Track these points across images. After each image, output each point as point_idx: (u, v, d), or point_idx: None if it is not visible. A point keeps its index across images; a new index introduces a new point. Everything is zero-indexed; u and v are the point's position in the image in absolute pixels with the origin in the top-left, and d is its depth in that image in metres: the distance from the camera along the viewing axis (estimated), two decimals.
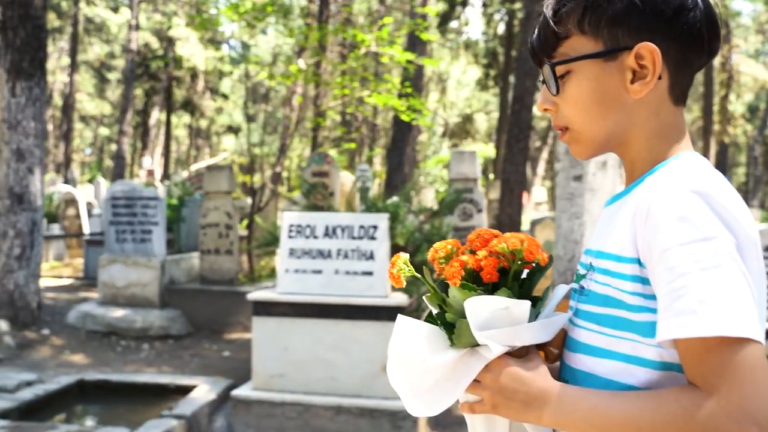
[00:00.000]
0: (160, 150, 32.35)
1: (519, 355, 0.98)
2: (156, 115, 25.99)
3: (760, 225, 7.19)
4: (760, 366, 0.82)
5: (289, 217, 5.53)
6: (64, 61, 28.43)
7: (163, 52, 26.55)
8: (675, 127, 1.01)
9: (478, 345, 0.97)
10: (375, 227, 5.35)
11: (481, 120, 33.88)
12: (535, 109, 12.27)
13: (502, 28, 27.97)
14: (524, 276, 1.01)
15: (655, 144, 1.00)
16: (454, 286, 0.96)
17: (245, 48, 37.31)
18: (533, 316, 0.98)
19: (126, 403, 5.97)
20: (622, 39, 0.97)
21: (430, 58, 14.41)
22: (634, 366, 0.92)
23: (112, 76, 31.92)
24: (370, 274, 5.28)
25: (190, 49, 25.24)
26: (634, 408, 0.87)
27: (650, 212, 0.89)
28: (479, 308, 0.94)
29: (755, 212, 18.87)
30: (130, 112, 21.45)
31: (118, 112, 34.54)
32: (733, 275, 0.84)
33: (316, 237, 5.44)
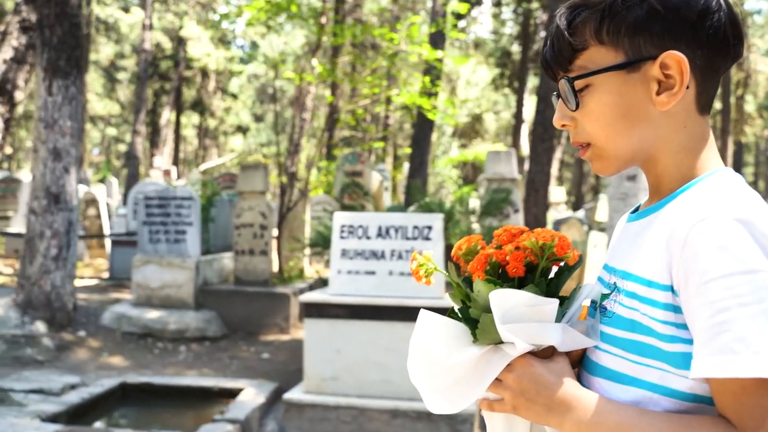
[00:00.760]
0: (167, 150, 32.26)
1: (544, 356, 0.94)
2: (167, 115, 25.87)
3: None
4: None
5: (340, 218, 5.43)
6: None
7: (174, 52, 26.44)
8: (703, 139, 0.95)
9: (501, 342, 0.94)
10: (429, 228, 5.26)
11: (490, 120, 33.76)
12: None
13: (510, 28, 27.87)
14: (552, 275, 0.96)
15: (683, 158, 0.94)
16: (479, 280, 0.92)
17: (253, 48, 37.23)
18: (560, 317, 0.94)
19: (171, 406, 5.87)
20: (645, 48, 0.91)
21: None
22: (661, 396, 0.88)
23: (121, 76, 31.83)
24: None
25: (202, 49, 25.15)
26: (664, 431, 0.84)
27: (689, 240, 0.84)
28: (504, 301, 0.90)
29: None
30: (143, 111, 21.35)
31: (126, 112, 34.48)
32: None
33: (368, 237, 5.35)
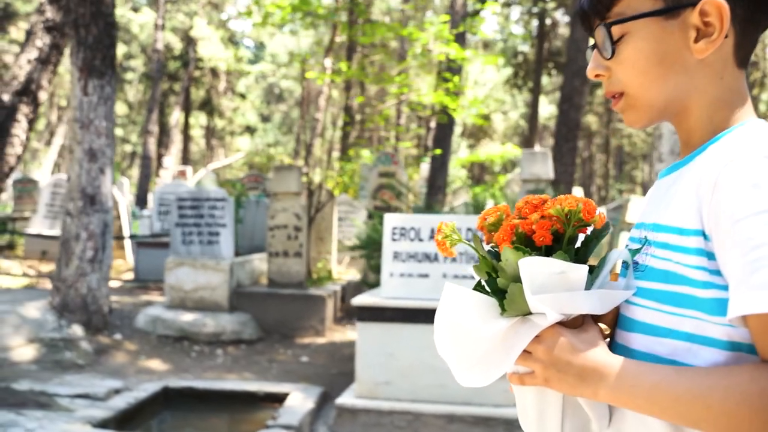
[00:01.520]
0: (174, 151, 32.14)
1: (573, 325, 0.92)
2: (176, 116, 25.77)
3: None
4: None
5: (392, 220, 5.34)
6: None
7: (185, 53, 26.34)
8: (738, 92, 0.94)
9: (530, 313, 0.91)
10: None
11: (498, 120, 33.67)
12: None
13: (518, 27, 27.79)
14: (579, 243, 0.94)
15: (717, 110, 0.93)
16: (507, 248, 0.90)
17: (259, 48, 37.15)
18: (589, 284, 0.91)
19: (215, 411, 5.79)
20: None
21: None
22: (699, 345, 0.85)
23: (128, 76, 31.73)
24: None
25: (212, 49, 25.05)
26: (703, 386, 0.81)
27: (719, 180, 0.82)
28: (534, 269, 0.88)
29: None
30: (155, 112, 21.26)
31: (134, 113, 34.38)
32: None
33: (421, 240, 5.26)
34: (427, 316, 5.10)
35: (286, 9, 10.30)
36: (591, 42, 1.00)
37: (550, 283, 0.88)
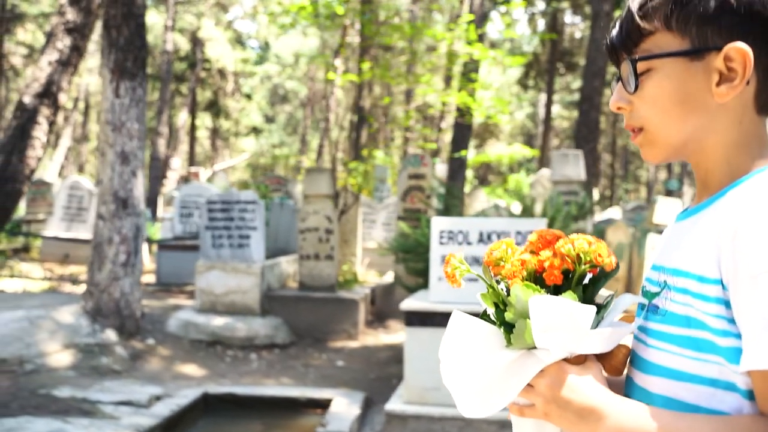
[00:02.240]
0: (180, 152, 32.05)
1: (576, 362, 0.93)
2: (184, 117, 25.68)
3: None
4: None
5: (439, 223, 5.27)
6: (91, 63, 28.16)
7: (192, 54, 26.26)
8: (757, 137, 0.94)
9: (535, 347, 0.93)
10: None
11: (504, 120, 33.59)
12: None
13: (522, 28, 27.68)
14: (587, 281, 0.96)
15: (734, 155, 0.94)
16: (517, 285, 0.92)
17: (264, 49, 37.06)
18: (595, 324, 0.94)
19: (257, 417, 5.70)
20: (711, 38, 0.91)
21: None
22: (723, 391, 0.86)
23: None
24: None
25: (220, 50, 24.96)
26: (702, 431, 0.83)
27: (738, 233, 0.83)
28: (544, 308, 0.89)
29: None
30: (165, 113, 21.17)
31: None
32: None
33: (469, 243, 5.19)
34: None
35: (307, 8, 10.22)
36: (616, 76, 1.02)
37: (558, 322, 0.90)
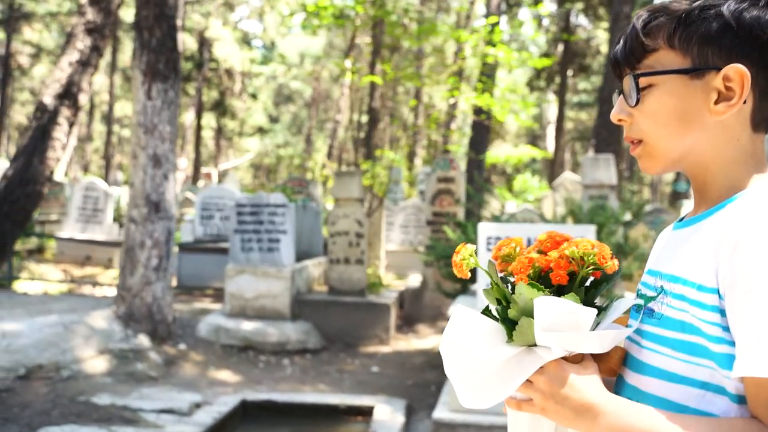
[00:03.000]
0: (186, 152, 31.93)
1: (574, 360, 0.97)
2: (191, 117, 25.58)
3: None
4: None
5: (486, 229, 5.20)
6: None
7: (199, 54, 26.16)
8: (753, 154, 0.98)
9: (535, 345, 0.96)
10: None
11: (510, 121, 33.53)
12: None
13: (529, 29, 27.57)
14: (588, 283, 0.99)
15: (732, 170, 0.98)
16: (522, 283, 0.95)
17: (269, 48, 36.95)
18: (594, 325, 0.97)
19: (298, 425, 5.62)
20: (712, 58, 0.96)
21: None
22: (713, 394, 0.91)
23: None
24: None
25: (227, 50, 24.86)
26: None
27: (739, 245, 0.87)
28: (547, 309, 0.92)
29: None
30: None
31: None
32: None
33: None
34: None
35: (329, 8, 10.14)
36: (617, 89, 1.07)
37: (560, 322, 0.93)
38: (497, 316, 1.01)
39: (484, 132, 12.79)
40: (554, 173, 19.84)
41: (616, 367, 1.04)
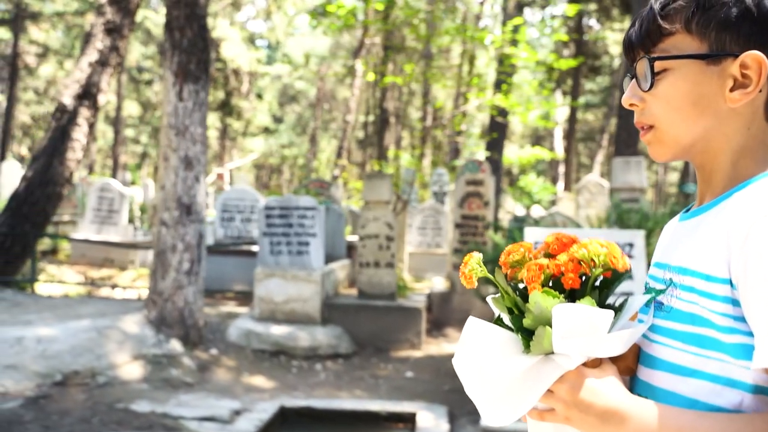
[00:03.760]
0: None
1: (593, 365, 0.94)
2: None
3: None
4: None
5: (532, 233, 5.11)
6: None
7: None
8: (763, 144, 0.96)
9: (552, 353, 0.93)
10: (631, 245, 4.95)
11: (515, 121, 33.48)
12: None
13: (533, 31, 27.47)
14: (598, 283, 0.96)
15: (740, 159, 0.96)
16: (536, 291, 0.92)
17: (274, 48, 36.85)
18: (610, 326, 0.94)
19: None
20: (729, 45, 0.94)
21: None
22: (723, 386, 0.88)
23: (145, 77, 31.42)
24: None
25: (235, 50, 24.75)
26: (724, 430, 0.84)
27: (751, 234, 0.85)
28: (566, 317, 0.90)
29: None
30: None
31: (149, 114, 34.05)
32: None
33: None
34: None
35: (351, 8, 10.06)
36: (629, 73, 1.04)
37: (578, 329, 0.90)
38: (510, 326, 0.98)
39: (501, 133, 12.71)
40: (568, 174, 19.74)
41: (633, 365, 1.02)
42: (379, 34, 17.87)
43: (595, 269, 0.93)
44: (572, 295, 0.94)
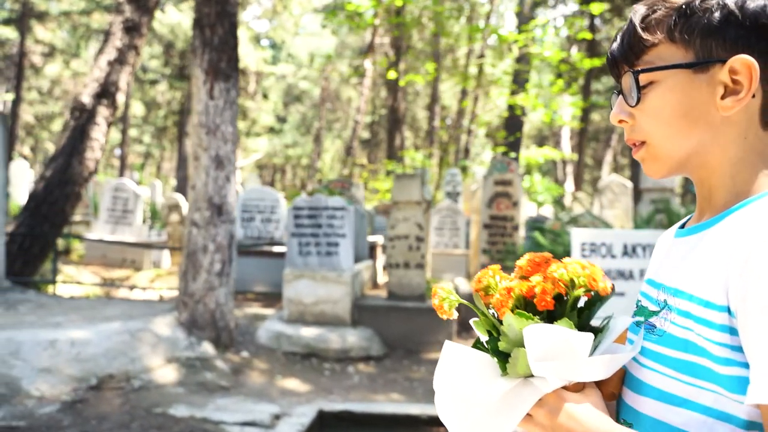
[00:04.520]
0: None
1: (575, 389, 0.91)
2: None
3: None
4: None
5: (580, 235, 5.02)
6: None
7: None
8: (762, 154, 0.91)
9: (532, 376, 0.90)
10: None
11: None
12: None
13: (538, 31, 27.39)
14: (581, 305, 0.92)
15: (739, 171, 0.91)
16: (509, 314, 0.89)
17: (278, 48, 36.75)
18: (592, 349, 0.91)
19: None
20: (716, 51, 0.90)
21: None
22: (715, 420, 0.83)
23: (150, 77, 31.29)
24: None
25: (242, 50, 24.62)
26: None
27: (751, 260, 0.79)
28: (539, 338, 0.87)
29: None
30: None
31: (153, 114, 33.90)
32: None
33: (613, 256, 4.94)
34: None
35: (373, 3, 9.97)
36: (615, 89, 1.01)
37: (555, 351, 0.87)
38: (489, 349, 0.95)
39: (518, 132, 12.61)
40: (578, 175, 19.66)
41: (617, 390, 0.97)
42: (388, 33, 17.78)
43: (572, 290, 0.89)
44: (551, 316, 0.90)
